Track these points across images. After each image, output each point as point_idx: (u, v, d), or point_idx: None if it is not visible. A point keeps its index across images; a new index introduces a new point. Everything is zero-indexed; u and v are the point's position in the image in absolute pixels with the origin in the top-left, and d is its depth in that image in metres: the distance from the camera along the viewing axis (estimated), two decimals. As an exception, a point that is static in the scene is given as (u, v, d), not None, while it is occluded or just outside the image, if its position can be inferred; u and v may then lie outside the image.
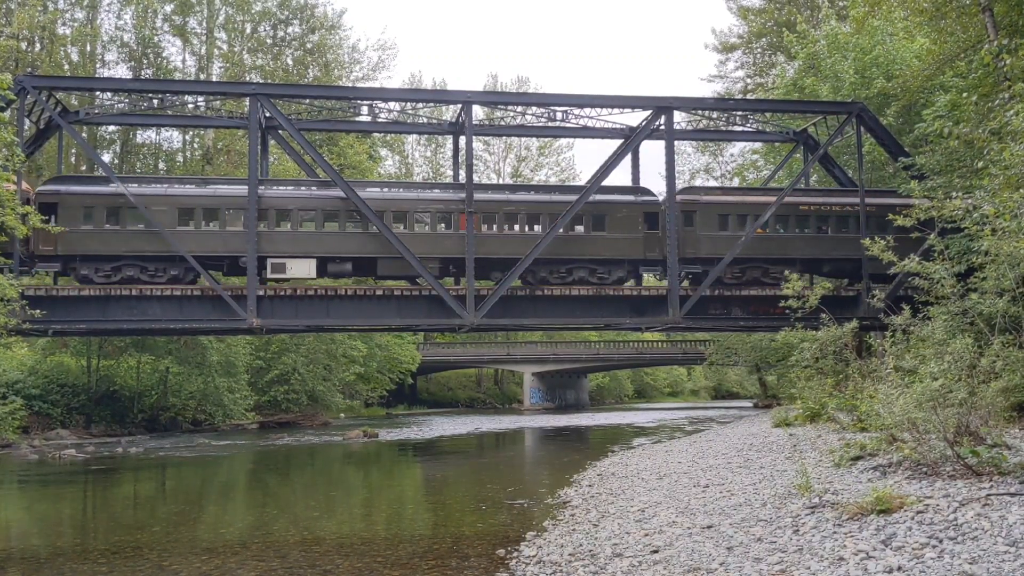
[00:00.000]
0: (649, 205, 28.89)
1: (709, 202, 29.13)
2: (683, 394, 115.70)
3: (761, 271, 28.94)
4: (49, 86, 28.21)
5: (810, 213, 29.35)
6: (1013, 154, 14.49)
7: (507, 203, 28.55)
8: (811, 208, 29.39)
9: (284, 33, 63.14)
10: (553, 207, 28.30)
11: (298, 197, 27.77)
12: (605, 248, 28.29)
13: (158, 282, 26.61)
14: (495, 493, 18.28)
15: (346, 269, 27.89)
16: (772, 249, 28.92)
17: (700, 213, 28.82)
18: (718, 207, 28.94)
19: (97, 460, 27.55)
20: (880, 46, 32.84)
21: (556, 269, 28.24)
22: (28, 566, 11.77)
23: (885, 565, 7.54)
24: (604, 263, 28.43)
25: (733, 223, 28.81)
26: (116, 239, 26.43)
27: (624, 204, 28.61)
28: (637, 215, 28.53)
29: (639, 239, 28.44)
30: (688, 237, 28.53)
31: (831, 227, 29.54)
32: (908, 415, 11.25)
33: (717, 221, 28.78)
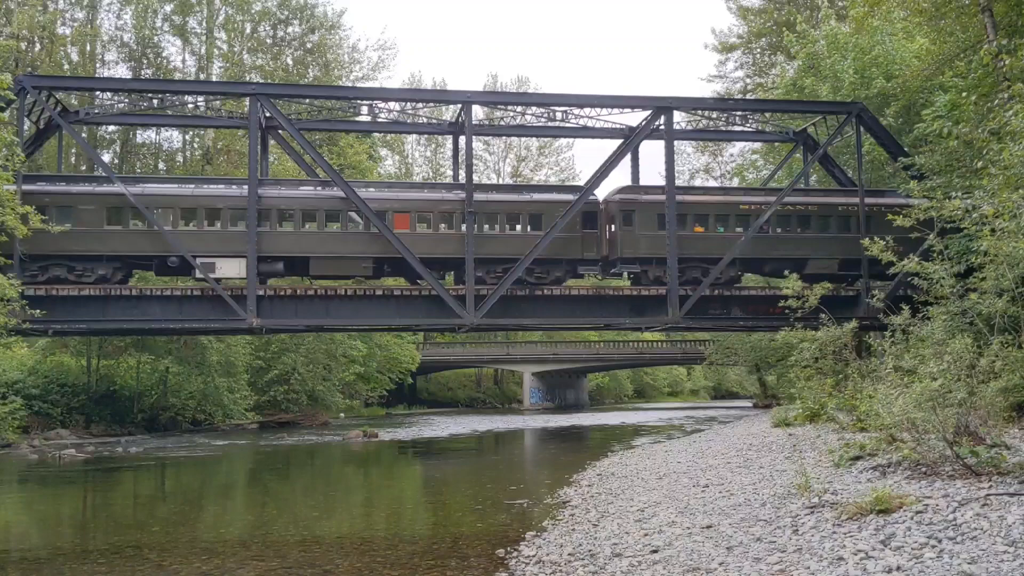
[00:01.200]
0: (587, 204, 28.60)
1: (648, 202, 28.80)
2: (683, 394, 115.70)
3: (701, 271, 28.58)
4: (49, 86, 28.21)
5: (750, 212, 29.14)
6: (1012, 154, 14.49)
7: (443, 202, 28.22)
8: (751, 208, 29.18)
9: (284, 33, 63.15)
10: (489, 207, 28.08)
11: (228, 196, 27.38)
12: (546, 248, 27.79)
13: (85, 282, 26.09)
14: (495, 493, 18.29)
15: (277, 269, 27.59)
16: (712, 248, 28.55)
17: (639, 213, 28.57)
18: (658, 207, 28.54)
19: (97, 460, 27.55)
20: (880, 46, 32.83)
21: (493, 269, 27.93)
22: (28, 566, 11.77)
23: (884, 565, 7.55)
24: (542, 263, 28.09)
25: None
26: (43, 239, 25.09)
27: (562, 203, 28.28)
28: (576, 215, 28.22)
29: (577, 239, 28.19)
30: (627, 237, 28.33)
31: (772, 226, 29.38)
32: (907, 415, 11.25)
33: (656, 221, 28.46)
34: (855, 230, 28.87)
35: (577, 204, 27.65)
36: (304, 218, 27.42)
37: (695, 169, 60.06)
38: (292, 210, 27.33)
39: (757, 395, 70.51)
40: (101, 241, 26.23)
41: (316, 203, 27.45)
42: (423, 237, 27.61)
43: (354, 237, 27.50)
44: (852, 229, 29.09)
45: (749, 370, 67.62)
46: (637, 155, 32.07)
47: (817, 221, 29.08)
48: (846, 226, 29.25)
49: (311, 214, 27.33)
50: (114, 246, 26.34)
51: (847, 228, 29.24)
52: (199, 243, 26.71)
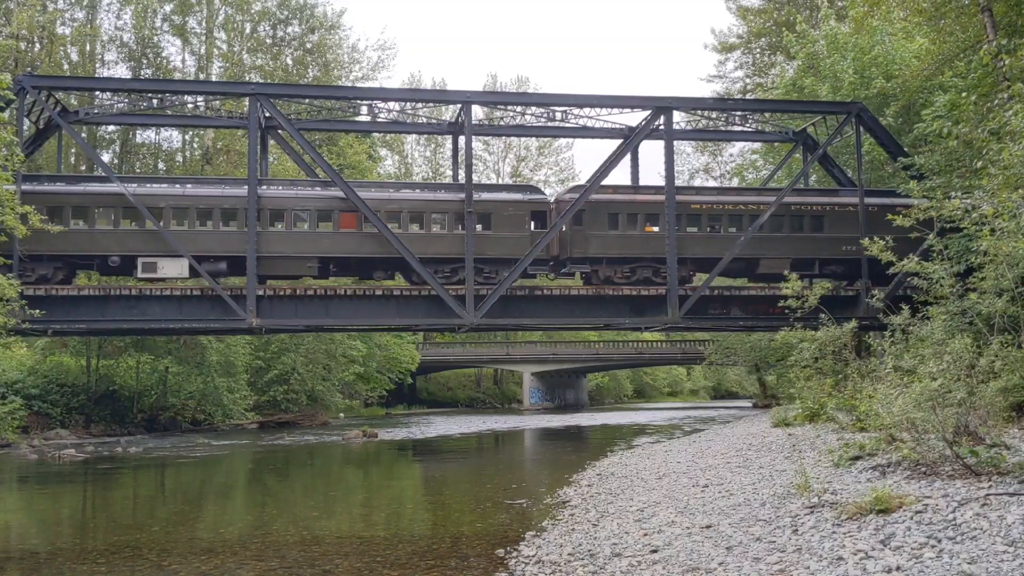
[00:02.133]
0: (537, 204, 28.44)
1: (598, 201, 28.51)
2: (682, 394, 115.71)
3: (652, 270, 28.45)
4: (49, 86, 28.20)
5: (701, 212, 29.02)
6: (1012, 154, 14.49)
7: (389, 201, 27.94)
8: (702, 207, 29.06)
9: (284, 33, 63.16)
10: (437, 206, 27.87)
11: (170, 195, 26.98)
12: (491, 247, 27.68)
13: (27, 282, 25.42)
14: (494, 493, 18.29)
15: (221, 268, 27.25)
16: (663, 248, 28.19)
17: (589, 212, 28.30)
18: (607, 206, 28.43)
19: (96, 460, 27.55)
20: (879, 46, 32.84)
21: (441, 268, 27.71)
22: (27, 566, 11.77)
23: (884, 565, 7.55)
24: (491, 262, 27.88)
25: (623, 222, 28.37)
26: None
27: (511, 203, 28.13)
28: (524, 214, 28.07)
29: (526, 238, 27.92)
30: (577, 236, 28.15)
31: (723, 226, 29.28)
32: (907, 415, 11.25)
33: (607, 220, 28.34)
34: (807, 229, 28.87)
35: (577, 203, 27.62)
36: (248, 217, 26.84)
37: (695, 169, 60.18)
38: (236, 209, 26.93)
39: (757, 395, 70.56)
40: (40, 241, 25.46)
41: (260, 202, 26.87)
42: (372, 236, 27.21)
43: (299, 236, 27.04)
44: (805, 228, 29.13)
45: (749, 370, 67.69)
46: (637, 155, 32.08)
47: (769, 220, 28.88)
48: (799, 226, 29.19)
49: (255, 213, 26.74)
50: (56, 246, 25.68)
51: (800, 228, 29.24)
52: (141, 243, 26.33)
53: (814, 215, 29.42)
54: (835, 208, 29.29)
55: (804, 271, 29.07)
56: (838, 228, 29.04)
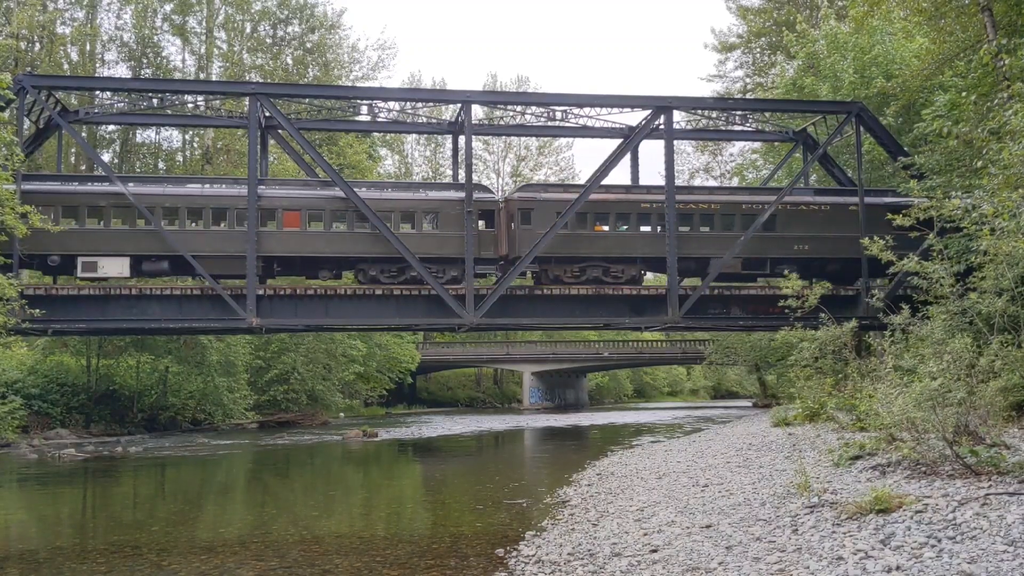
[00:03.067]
0: (484, 203, 28.17)
1: (547, 200, 28.36)
2: (682, 394, 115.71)
3: (602, 270, 28.23)
4: (49, 85, 28.19)
5: (651, 211, 28.75)
6: (1012, 154, 14.48)
7: (334, 200, 27.59)
8: (652, 206, 28.77)
9: (284, 32, 63.16)
10: (382, 204, 27.51)
11: (110, 194, 26.55)
12: (437, 246, 27.44)
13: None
14: (494, 492, 18.29)
15: (163, 268, 27.02)
16: (612, 247, 28.13)
17: (537, 211, 28.09)
18: (556, 205, 28.17)
19: (96, 459, 27.56)
20: (879, 46, 32.84)
21: (388, 268, 27.55)
22: (27, 566, 11.77)
23: (884, 564, 7.55)
24: (437, 261, 27.66)
25: (572, 221, 28.04)
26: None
27: (458, 201, 27.82)
28: (472, 213, 27.72)
29: (473, 237, 27.58)
30: (526, 236, 27.79)
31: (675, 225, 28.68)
32: (907, 415, 11.26)
33: (555, 219, 27.89)
34: (759, 229, 28.59)
35: (576, 203, 27.59)
36: (189, 216, 26.70)
37: (695, 169, 60.15)
38: (178, 208, 26.59)
39: (757, 395, 70.58)
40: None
41: (202, 201, 26.63)
42: (318, 235, 26.94)
43: (241, 235, 26.63)
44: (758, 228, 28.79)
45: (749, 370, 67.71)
46: (637, 155, 32.07)
47: (720, 220, 28.79)
48: (750, 225, 28.74)
49: (197, 212, 26.53)
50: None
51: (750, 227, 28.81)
52: (80, 242, 25.97)
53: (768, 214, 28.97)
54: (787, 207, 29.00)
55: (755, 271, 28.93)
56: (790, 227, 28.78)
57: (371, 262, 27.59)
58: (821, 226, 28.84)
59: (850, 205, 29.11)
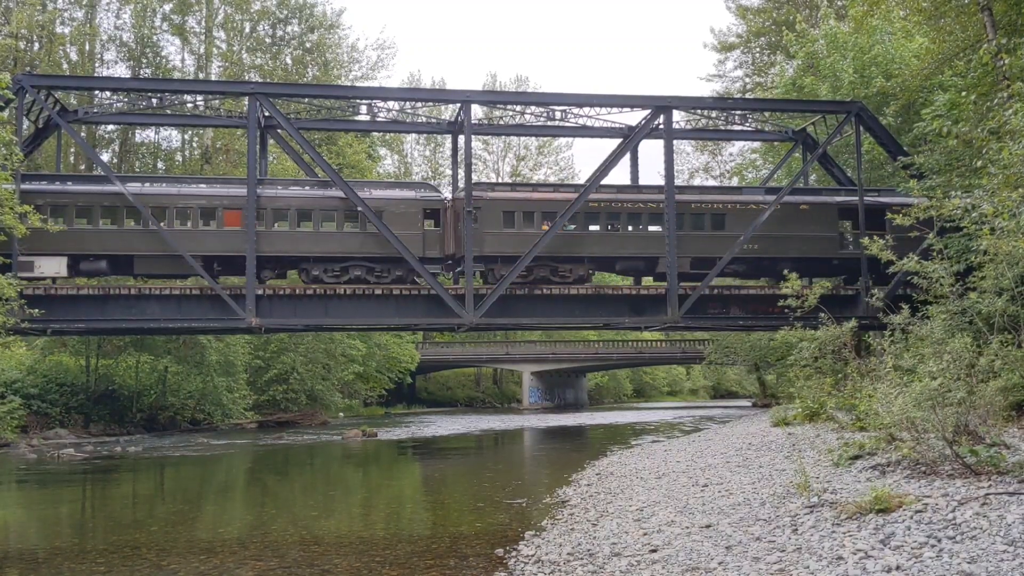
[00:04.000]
0: (430, 201, 27.99)
1: (494, 199, 28.24)
2: (682, 393, 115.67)
3: (549, 269, 28.08)
4: (48, 85, 28.19)
5: (600, 210, 28.60)
6: (1012, 153, 14.48)
7: (276, 199, 27.44)
8: (601, 205, 28.59)
9: (283, 32, 63.16)
10: (326, 202, 27.45)
11: (47, 192, 26.33)
12: (382, 245, 27.24)
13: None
14: (493, 492, 18.27)
15: (101, 267, 26.85)
16: (561, 247, 27.91)
17: (485, 210, 27.92)
18: (504, 204, 28.10)
19: (96, 459, 27.53)
20: (879, 45, 32.85)
21: (331, 267, 27.36)
22: (26, 565, 11.75)
23: (884, 564, 7.54)
24: (382, 261, 27.51)
25: (519, 220, 28.01)
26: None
27: (403, 200, 27.74)
28: (417, 212, 27.69)
29: (418, 236, 27.55)
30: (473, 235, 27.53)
31: (623, 224, 28.85)
32: (907, 414, 11.24)
33: (502, 218, 27.95)
34: (708, 227, 28.58)
35: (579, 200, 27.56)
36: (128, 215, 26.49)
37: (694, 168, 60.21)
38: (116, 207, 26.45)
39: (756, 394, 70.59)
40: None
41: (141, 200, 26.27)
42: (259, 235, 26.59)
43: (180, 235, 26.44)
44: (706, 227, 28.78)
45: (748, 369, 67.68)
46: (636, 154, 32.09)
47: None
48: (700, 224, 28.83)
49: (135, 211, 26.32)
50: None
51: (700, 226, 28.86)
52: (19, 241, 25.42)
53: (715, 213, 29.03)
54: (737, 206, 28.91)
55: (704, 269, 28.71)
56: (740, 227, 28.52)
57: (313, 261, 27.24)
58: (772, 225, 28.57)
59: (800, 204, 29.03)
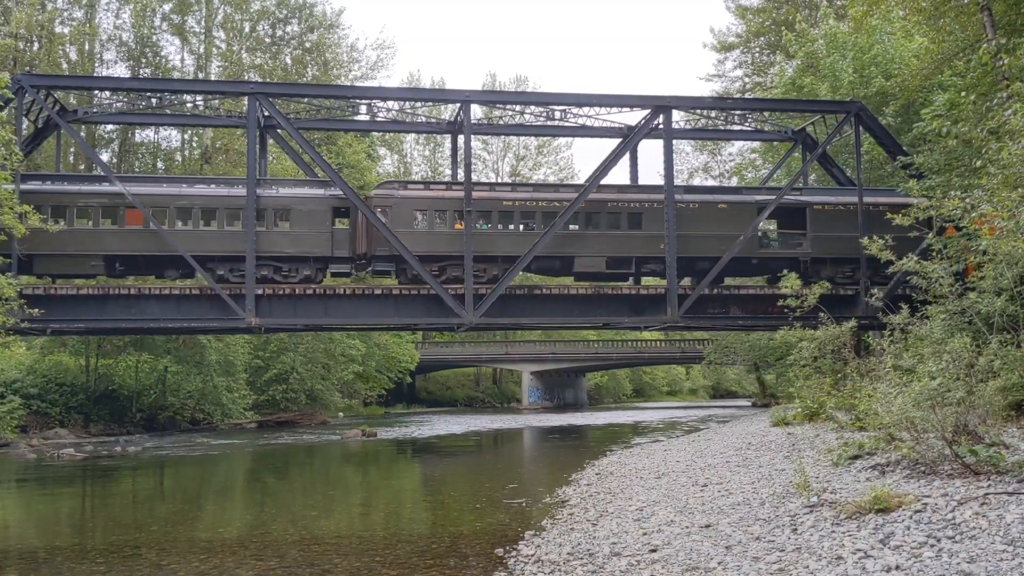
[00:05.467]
0: (339, 199, 27.67)
1: (404, 197, 27.99)
2: (681, 393, 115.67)
3: (463, 269, 27.66)
4: (47, 85, 28.19)
5: (514, 209, 28.37)
6: (1011, 153, 14.48)
7: (180, 197, 27.12)
8: (515, 204, 28.41)
9: (283, 32, 63.13)
10: (232, 201, 27.19)
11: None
12: (289, 244, 27.04)
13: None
14: (493, 492, 18.27)
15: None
16: (474, 246, 27.49)
17: (396, 209, 27.68)
18: (414, 202, 27.89)
19: (95, 459, 27.53)
20: (879, 45, 32.86)
21: (237, 267, 26.99)
22: (26, 565, 11.75)
23: (883, 564, 7.54)
24: (289, 260, 27.30)
25: (429, 219, 27.86)
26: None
27: (311, 198, 27.50)
28: (325, 210, 27.46)
29: (327, 235, 27.31)
30: (381, 233, 27.30)
31: (537, 223, 28.53)
32: (906, 414, 11.25)
33: (414, 217, 27.75)
34: (624, 227, 28.40)
35: (576, 202, 27.56)
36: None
37: (694, 168, 60.22)
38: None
39: (756, 394, 70.56)
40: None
41: (39, 198, 25.85)
42: (159, 234, 26.34)
43: (82, 234, 26.15)
44: (622, 226, 28.57)
45: (748, 369, 67.70)
46: (636, 154, 32.09)
47: (585, 217, 28.50)
48: (616, 223, 28.65)
49: (40, 210, 25.72)
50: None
51: (616, 225, 28.69)
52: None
53: (632, 212, 28.76)
54: (654, 205, 28.67)
55: (621, 269, 28.57)
56: (657, 226, 28.27)
57: (218, 261, 26.97)
58: (691, 224, 28.42)
59: (719, 203, 28.93)
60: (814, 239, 28.90)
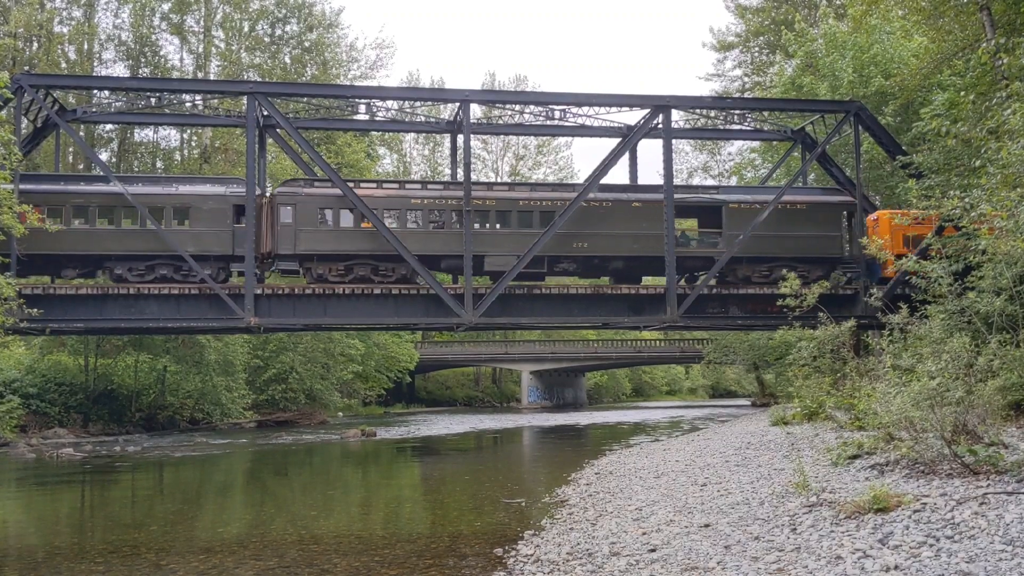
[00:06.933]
0: (240, 197, 27.12)
1: (310, 195, 27.54)
2: (681, 392, 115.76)
3: (370, 268, 27.45)
4: (46, 84, 28.14)
5: (422, 207, 28.01)
6: (1010, 153, 14.49)
7: (76, 195, 26.37)
8: (423, 202, 28.03)
9: (282, 31, 63.15)
10: (153, 200, 26.66)
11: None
12: (188, 243, 26.48)
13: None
14: (493, 492, 18.28)
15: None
16: (382, 245, 27.20)
17: (300, 207, 27.25)
18: (319, 200, 27.46)
19: (94, 459, 27.53)
20: (878, 45, 32.85)
21: (136, 266, 26.57)
22: (25, 565, 11.75)
23: (882, 564, 7.55)
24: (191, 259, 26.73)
25: (334, 217, 27.49)
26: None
27: (211, 196, 27.04)
28: (226, 208, 26.98)
29: (227, 233, 26.82)
30: (286, 232, 26.92)
31: (446, 222, 28.25)
32: (905, 414, 11.26)
33: (318, 216, 27.38)
34: (536, 225, 28.03)
35: (575, 202, 27.54)
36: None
37: (693, 168, 60.23)
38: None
39: (755, 394, 70.58)
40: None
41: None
42: (57, 233, 25.37)
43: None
44: (534, 224, 28.15)
45: (747, 369, 67.68)
46: (635, 154, 32.06)
47: (496, 216, 28.21)
48: (527, 222, 28.25)
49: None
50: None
51: (528, 224, 28.25)
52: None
53: (545, 211, 28.35)
54: (566, 204, 28.13)
55: (532, 268, 28.07)
56: (572, 224, 27.82)
57: (116, 260, 26.61)
58: (605, 223, 28.12)
59: (633, 202, 28.73)
60: (730, 238, 28.65)
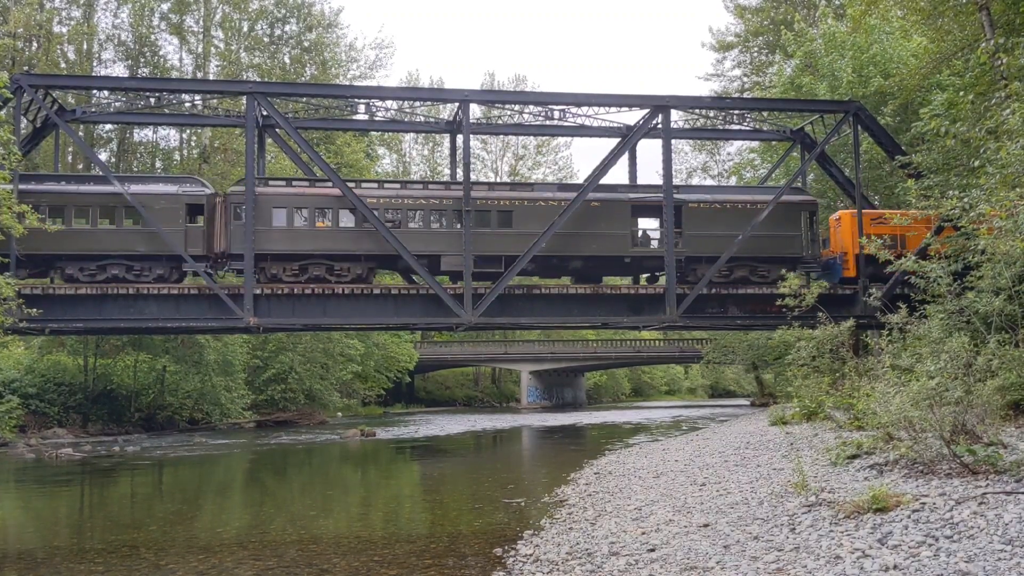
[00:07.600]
0: (192, 196, 27.01)
1: (261, 194, 27.27)
2: (680, 392, 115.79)
3: (325, 268, 27.26)
4: (46, 84, 28.12)
5: (377, 206, 27.55)
6: (1009, 153, 14.51)
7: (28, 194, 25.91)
8: (379, 201, 27.67)
9: (281, 31, 63.16)
10: (81, 199, 26.48)
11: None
12: (141, 242, 26.41)
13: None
14: (492, 492, 18.28)
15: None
16: (338, 243, 27.07)
17: (256, 206, 26.88)
18: (272, 199, 27.30)
19: (94, 459, 27.52)
20: (877, 45, 32.87)
21: (87, 266, 26.39)
22: (25, 565, 11.75)
23: (881, 563, 7.55)
24: (141, 259, 26.66)
25: (288, 216, 27.36)
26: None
27: (163, 195, 26.82)
28: (179, 207, 26.78)
29: (180, 233, 26.64)
30: (238, 232, 26.73)
31: (403, 221, 27.94)
32: (904, 413, 11.27)
33: (271, 215, 27.14)
34: (494, 225, 27.90)
35: (576, 202, 27.55)
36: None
37: (692, 168, 60.28)
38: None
39: (754, 394, 70.62)
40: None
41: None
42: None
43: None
44: (491, 224, 27.97)
45: (746, 369, 67.75)
46: (635, 154, 32.07)
47: (452, 215, 27.98)
48: (484, 221, 28.00)
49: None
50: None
51: (485, 223, 28.02)
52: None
53: (502, 210, 28.21)
54: (524, 203, 28.21)
55: (489, 268, 27.95)
56: (527, 223, 27.74)
57: (67, 260, 26.41)
58: (565, 223, 27.71)
59: (592, 201, 28.61)
60: (689, 238, 28.60)
